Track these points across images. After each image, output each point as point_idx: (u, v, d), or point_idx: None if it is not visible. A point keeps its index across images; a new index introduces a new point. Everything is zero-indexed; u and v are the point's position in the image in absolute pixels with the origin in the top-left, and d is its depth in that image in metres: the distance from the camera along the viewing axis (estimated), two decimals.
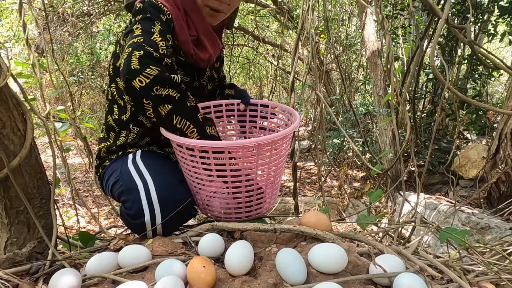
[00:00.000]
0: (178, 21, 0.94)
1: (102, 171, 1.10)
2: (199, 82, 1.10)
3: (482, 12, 3.65)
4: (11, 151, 0.85)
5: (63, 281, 0.63)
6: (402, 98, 1.26)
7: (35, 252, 0.94)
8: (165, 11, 0.91)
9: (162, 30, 0.87)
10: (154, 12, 0.90)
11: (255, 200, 0.89)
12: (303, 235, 0.75)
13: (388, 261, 0.65)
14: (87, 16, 5.58)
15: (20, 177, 0.88)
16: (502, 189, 3.05)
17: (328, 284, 0.59)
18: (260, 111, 1.09)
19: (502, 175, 3.04)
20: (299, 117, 0.92)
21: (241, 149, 0.78)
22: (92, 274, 0.71)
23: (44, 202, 0.95)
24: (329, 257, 0.65)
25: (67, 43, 6.10)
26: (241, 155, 0.79)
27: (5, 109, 0.81)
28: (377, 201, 3.30)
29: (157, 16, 0.89)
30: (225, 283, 0.65)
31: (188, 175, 0.91)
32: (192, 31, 0.98)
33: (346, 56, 5.17)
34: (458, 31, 1.24)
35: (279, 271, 0.65)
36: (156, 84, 0.77)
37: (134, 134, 1.06)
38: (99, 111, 6.57)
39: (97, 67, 6.63)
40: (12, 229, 0.94)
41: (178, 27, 0.94)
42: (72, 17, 5.70)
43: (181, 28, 0.95)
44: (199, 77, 1.10)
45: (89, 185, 3.97)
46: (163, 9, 0.91)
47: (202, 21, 1.00)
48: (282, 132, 0.81)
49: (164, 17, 0.91)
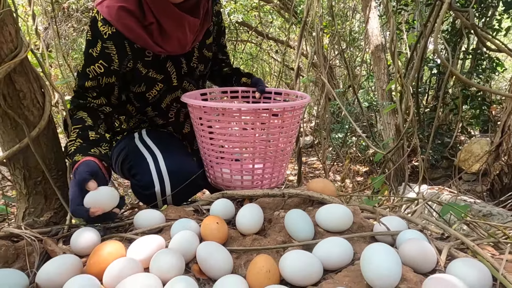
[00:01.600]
0: (127, 28, 0.88)
1: (109, 152, 1.15)
2: (189, 66, 1.05)
3: (486, 7, 3.65)
4: (31, 122, 0.89)
5: (84, 236, 0.67)
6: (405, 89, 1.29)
7: (52, 222, 0.98)
8: (104, 33, 0.87)
9: (99, 54, 0.89)
10: (92, 40, 0.89)
11: (267, 170, 0.93)
12: (310, 200, 0.79)
13: (392, 221, 0.69)
14: (92, 11, 5.61)
15: (39, 148, 0.92)
16: (505, 181, 3.06)
17: (334, 239, 0.62)
18: (273, 99, 1.13)
19: (505, 167, 3.05)
20: (309, 97, 0.96)
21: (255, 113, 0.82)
22: (109, 235, 0.75)
23: (61, 174, 0.99)
24: (335, 216, 0.68)
25: (71, 38, 6.14)
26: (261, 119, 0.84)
27: (25, 81, 0.85)
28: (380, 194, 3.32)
29: (94, 43, 0.89)
30: (237, 240, 0.68)
31: (204, 146, 0.96)
32: (150, 17, 0.88)
33: (350, 51, 5.19)
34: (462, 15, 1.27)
35: (287, 229, 0.69)
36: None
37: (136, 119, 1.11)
38: None
39: None
40: (30, 200, 0.98)
41: (129, 35, 0.88)
42: (77, 13, 5.74)
43: (133, 34, 0.89)
44: (188, 61, 1.04)
45: None
46: (102, 32, 0.87)
47: (161, 2, 0.88)
48: (299, 101, 0.86)
49: (103, 42, 0.88)
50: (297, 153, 1.64)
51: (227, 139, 0.93)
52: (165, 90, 1.04)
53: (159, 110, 1.08)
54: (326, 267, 0.59)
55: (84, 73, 0.91)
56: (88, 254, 0.66)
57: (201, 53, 1.07)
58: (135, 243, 0.62)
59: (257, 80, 1.16)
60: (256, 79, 1.17)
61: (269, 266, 0.55)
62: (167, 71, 1.00)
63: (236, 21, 5.17)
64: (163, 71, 1.00)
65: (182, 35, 0.94)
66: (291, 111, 0.88)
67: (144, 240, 0.62)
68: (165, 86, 1.03)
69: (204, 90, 1.11)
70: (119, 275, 0.53)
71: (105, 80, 0.92)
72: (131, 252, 0.60)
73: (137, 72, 0.95)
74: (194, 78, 1.10)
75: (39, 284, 0.55)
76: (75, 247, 0.67)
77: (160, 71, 0.99)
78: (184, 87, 1.08)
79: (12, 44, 0.80)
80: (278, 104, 0.83)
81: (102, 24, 0.87)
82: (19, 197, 0.99)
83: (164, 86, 1.02)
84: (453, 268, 0.52)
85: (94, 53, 0.89)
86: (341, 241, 0.61)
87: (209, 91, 1.13)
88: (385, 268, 0.49)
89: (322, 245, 0.61)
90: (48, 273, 0.56)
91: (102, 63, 0.90)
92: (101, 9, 0.87)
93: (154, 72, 0.98)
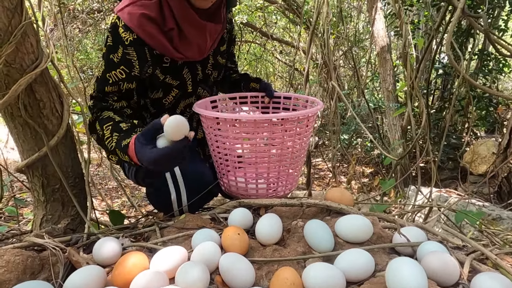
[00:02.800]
0: (148, 35, 0.89)
1: None
2: (204, 72, 1.06)
3: (493, 7, 3.63)
4: (50, 131, 0.90)
5: (106, 247, 0.68)
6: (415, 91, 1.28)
7: (69, 229, 1.00)
8: (125, 39, 0.88)
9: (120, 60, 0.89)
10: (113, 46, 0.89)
11: (282, 178, 0.94)
12: (328, 209, 0.79)
13: (411, 232, 0.69)
14: (97, 12, 5.64)
15: (57, 156, 0.93)
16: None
17: (355, 251, 0.63)
18: (283, 103, 1.13)
19: None
20: (321, 103, 0.96)
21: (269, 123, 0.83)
22: (129, 244, 0.76)
23: (77, 181, 1.01)
24: (355, 227, 0.69)
25: (77, 39, 6.18)
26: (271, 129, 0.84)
27: (45, 90, 0.86)
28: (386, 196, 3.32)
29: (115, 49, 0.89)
30: (257, 251, 0.69)
31: (217, 156, 0.96)
32: (171, 22, 0.89)
33: (355, 52, 5.18)
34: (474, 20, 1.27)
35: (307, 240, 0.69)
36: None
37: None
38: None
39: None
40: (48, 207, 0.99)
41: (150, 41, 0.90)
42: (82, 14, 5.77)
43: (154, 41, 0.90)
44: (203, 68, 1.05)
45: (101, 179, 4.04)
46: (123, 38, 0.88)
47: (181, 7, 0.89)
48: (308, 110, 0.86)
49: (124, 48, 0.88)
50: (306, 156, 1.64)
51: (240, 148, 0.93)
52: (180, 96, 1.04)
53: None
54: (348, 279, 0.59)
55: (104, 78, 0.91)
56: (110, 264, 0.68)
57: (215, 60, 1.08)
58: (158, 254, 0.63)
59: (265, 85, 1.17)
60: (265, 84, 1.18)
61: (293, 278, 0.56)
62: (183, 77, 1.01)
63: (241, 22, 5.18)
64: (179, 77, 1.01)
65: (202, 41, 0.95)
66: (303, 119, 0.88)
67: (167, 251, 0.63)
68: (180, 92, 1.03)
69: (214, 97, 1.11)
70: (146, 287, 0.54)
71: (125, 86, 0.92)
72: (155, 263, 0.61)
73: (155, 78, 0.96)
74: (208, 85, 1.11)
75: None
76: (98, 257, 0.68)
77: (176, 77, 1.00)
78: (199, 94, 1.09)
79: (33, 55, 0.81)
80: (291, 113, 0.83)
81: (123, 30, 0.88)
82: (37, 204, 1.00)
83: (179, 92, 1.03)
84: (478, 282, 0.52)
85: (115, 58, 0.89)
86: (363, 253, 0.62)
87: (219, 98, 1.13)
88: (411, 282, 0.49)
89: (344, 256, 0.61)
90: (74, 284, 0.57)
91: (123, 68, 0.90)
92: (122, 16, 0.88)
93: (170, 78, 0.99)
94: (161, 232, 0.83)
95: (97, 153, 3.62)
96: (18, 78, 0.79)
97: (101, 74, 0.92)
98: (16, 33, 0.76)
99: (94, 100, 0.93)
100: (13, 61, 0.78)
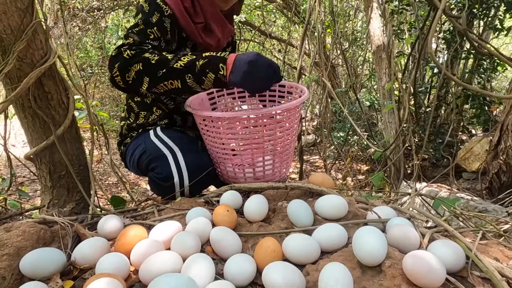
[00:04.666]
0: (182, 14, 1.00)
1: (124, 148, 1.23)
2: None
3: (488, 7, 3.70)
4: (57, 121, 0.98)
5: (109, 223, 0.76)
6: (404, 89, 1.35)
7: (74, 213, 1.08)
8: (165, 9, 0.97)
9: (157, 22, 0.96)
10: (150, 11, 0.97)
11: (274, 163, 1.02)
12: (310, 192, 0.87)
13: (383, 210, 0.77)
14: (97, 10, 5.70)
15: (63, 145, 1.01)
16: (503, 179, 3.13)
17: (331, 225, 0.71)
18: (278, 91, 1.21)
19: (503, 165, 3.11)
20: (307, 91, 1.04)
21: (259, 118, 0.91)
22: (129, 222, 0.84)
23: (82, 169, 1.09)
24: (333, 205, 0.77)
25: (76, 37, 6.24)
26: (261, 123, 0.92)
27: (53, 84, 0.94)
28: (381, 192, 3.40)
29: (152, 14, 0.97)
30: (244, 227, 0.77)
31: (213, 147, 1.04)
32: (200, 17, 1.03)
33: (352, 51, 5.25)
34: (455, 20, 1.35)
35: (290, 217, 0.77)
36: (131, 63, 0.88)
37: (155, 116, 1.18)
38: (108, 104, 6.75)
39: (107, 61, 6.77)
40: (54, 192, 1.07)
41: (182, 20, 1.01)
42: (82, 12, 5.83)
43: (186, 21, 1.01)
44: None
45: (100, 175, 4.12)
46: (163, 7, 0.97)
47: (211, 6, 1.04)
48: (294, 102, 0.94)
49: (162, 16, 0.97)
50: (299, 151, 1.72)
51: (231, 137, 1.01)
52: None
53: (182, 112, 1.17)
54: (324, 249, 0.67)
55: (144, 33, 0.94)
56: (114, 238, 0.75)
57: None
58: (156, 227, 0.71)
59: None
60: None
61: (274, 246, 0.64)
62: None
63: (240, 21, 5.25)
64: None
65: (221, 37, 1.10)
66: (293, 109, 0.96)
67: (164, 224, 0.71)
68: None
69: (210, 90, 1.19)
70: (145, 253, 0.62)
71: (162, 44, 0.98)
72: (153, 234, 0.69)
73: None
74: None
75: (76, 261, 0.64)
76: (102, 232, 0.76)
77: None
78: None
79: (42, 51, 0.89)
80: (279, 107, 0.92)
81: (162, 3, 0.97)
82: (44, 189, 1.08)
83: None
84: (432, 248, 0.60)
85: (153, 19, 0.95)
86: (337, 227, 0.69)
87: (215, 89, 1.21)
88: (372, 247, 0.57)
89: (320, 230, 0.69)
90: (83, 252, 0.65)
91: (159, 30, 0.96)
92: None
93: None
94: (159, 213, 0.91)
95: (97, 149, 3.70)
96: (29, 72, 0.87)
97: (139, 30, 0.94)
98: (27, 31, 0.83)
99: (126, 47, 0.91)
100: (24, 57, 0.86)
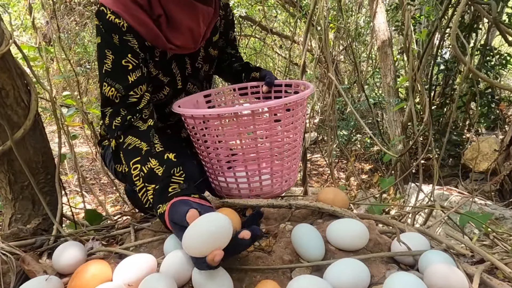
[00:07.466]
0: (138, 21, 0.79)
1: (102, 151, 1.07)
2: (193, 66, 0.97)
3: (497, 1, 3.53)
4: (15, 123, 0.81)
5: (67, 253, 0.60)
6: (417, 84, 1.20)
7: (40, 229, 0.92)
8: (120, 24, 0.77)
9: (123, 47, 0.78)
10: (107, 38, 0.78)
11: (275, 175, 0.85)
12: (319, 211, 0.71)
13: (412, 239, 0.61)
14: (95, 5, 5.53)
15: (24, 151, 0.85)
16: None
17: (348, 260, 0.55)
18: (284, 91, 1.04)
19: None
20: (312, 86, 0.88)
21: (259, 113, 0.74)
22: (97, 248, 0.68)
23: (50, 178, 0.92)
24: (349, 233, 0.61)
25: (74, 32, 6.08)
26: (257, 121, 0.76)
27: (8, 78, 0.78)
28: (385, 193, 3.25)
29: (110, 39, 0.77)
30: (238, 257, 0.61)
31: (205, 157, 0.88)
32: (158, 8, 0.80)
33: (356, 47, 5.08)
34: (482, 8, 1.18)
35: (295, 246, 0.61)
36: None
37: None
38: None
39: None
40: (17, 205, 0.91)
41: (141, 29, 0.79)
42: (79, 6, 5.66)
43: (145, 29, 0.80)
44: (193, 61, 0.96)
45: (95, 173, 3.98)
46: (117, 23, 0.77)
47: None
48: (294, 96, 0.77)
49: (122, 35, 0.78)
50: (303, 152, 1.56)
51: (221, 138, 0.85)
52: (171, 95, 0.95)
53: (162, 114, 1.00)
54: None
55: (120, 69, 0.77)
56: (71, 272, 0.60)
57: (206, 52, 0.98)
58: (122, 263, 0.55)
59: (265, 73, 1.06)
60: (265, 72, 1.07)
61: None
62: (172, 72, 0.91)
63: (240, 15, 5.07)
64: (169, 73, 0.91)
65: (194, 24, 0.84)
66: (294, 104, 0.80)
67: (133, 260, 0.55)
68: (171, 90, 0.94)
69: (208, 91, 1.03)
70: None
71: (143, 70, 0.80)
72: (118, 274, 0.53)
73: (149, 73, 0.86)
74: (198, 80, 1.02)
75: None
76: (57, 265, 0.60)
77: (166, 73, 0.90)
78: (188, 90, 0.99)
79: None
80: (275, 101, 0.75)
81: (114, 17, 0.76)
82: (5, 202, 0.92)
83: (170, 90, 0.94)
84: None
85: (116, 46, 0.77)
86: (356, 263, 0.54)
87: (215, 91, 1.05)
88: None
89: (334, 267, 0.54)
90: None
91: (131, 56, 0.78)
92: (105, 2, 0.77)
93: (162, 74, 0.89)
94: (136, 234, 0.75)
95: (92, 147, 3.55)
96: None
97: (112, 68, 0.77)
98: None
99: (112, 114, 0.79)
100: None
